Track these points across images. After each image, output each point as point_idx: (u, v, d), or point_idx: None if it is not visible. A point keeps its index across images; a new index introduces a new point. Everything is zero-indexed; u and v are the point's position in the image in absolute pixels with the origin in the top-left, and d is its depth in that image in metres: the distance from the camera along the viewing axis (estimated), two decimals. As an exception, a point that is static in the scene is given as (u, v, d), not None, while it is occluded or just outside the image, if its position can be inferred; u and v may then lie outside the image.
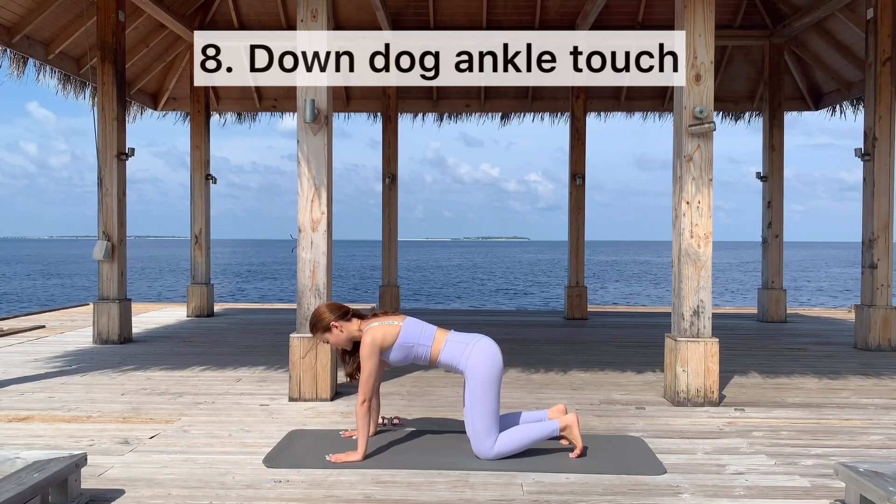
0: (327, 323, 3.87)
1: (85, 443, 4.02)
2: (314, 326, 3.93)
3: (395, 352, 3.79)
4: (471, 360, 3.72)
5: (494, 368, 3.72)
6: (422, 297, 29.70)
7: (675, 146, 5.19)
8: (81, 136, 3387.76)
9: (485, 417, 3.69)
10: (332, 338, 3.89)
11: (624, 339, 8.23)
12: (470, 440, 3.75)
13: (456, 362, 3.76)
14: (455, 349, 3.77)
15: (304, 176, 5.13)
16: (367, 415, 3.73)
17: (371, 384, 3.74)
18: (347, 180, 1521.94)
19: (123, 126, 7.71)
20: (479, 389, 3.68)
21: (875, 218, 7.50)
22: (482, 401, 3.68)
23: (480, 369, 3.69)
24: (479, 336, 3.86)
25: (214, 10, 9.82)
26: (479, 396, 3.68)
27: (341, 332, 3.87)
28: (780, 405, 5.03)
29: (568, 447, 3.86)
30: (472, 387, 3.70)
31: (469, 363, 3.72)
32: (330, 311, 3.90)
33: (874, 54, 7.47)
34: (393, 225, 10.29)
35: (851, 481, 2.92)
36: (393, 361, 3.85)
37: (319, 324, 3.90)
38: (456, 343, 3.79)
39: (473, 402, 3.70)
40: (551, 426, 3.79)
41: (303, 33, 5.13)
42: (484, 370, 3.69)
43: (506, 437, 3.72)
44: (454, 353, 3.77)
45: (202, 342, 7.78)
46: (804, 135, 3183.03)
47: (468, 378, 3.72)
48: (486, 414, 3.69)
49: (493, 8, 9.74)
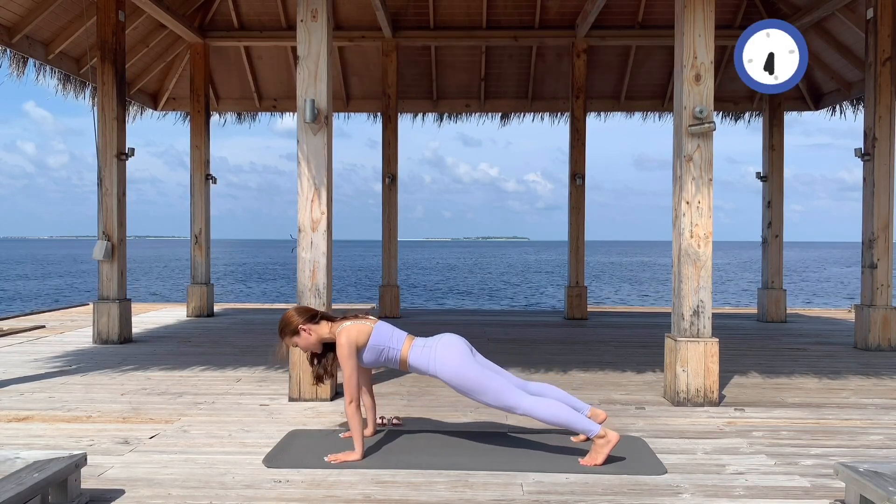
0: (295, 326, 3.86)
1: (85, 443, 4.02)
2: (282, 330, 3.91)
3: (368, 353, 3.79)
4: (438, 360, 3.72)
5: (461, 354, 3.72)
6: (422, 297, 29.69)
7: (674, 146, 5.19)
8: (79, 135, 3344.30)
9: (486, 394, 3.68)
10: (301, 341, 3.88)
11: (624, 339, 8.23)
12: None
13: (425, 366, 3.76)
14: (422, 354, 3.77)
15: (304, 176, 5.13)
16: (357, 413, 3.74)
17: (354, 382, 3.74)
18: (347, 180, 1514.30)
19: (123, 126, 7.71)
20: (460, 380, 3.68)
21: (875, 218, 7.50)
22: (470, 385, 3.67)
23: (449, 363, 3.69)
24: (440, 336, 3.86)
25: (214, 10, 9.82)
26: (465, 385, 3.68)
27: (310, 335, 3.86)
28: (780, 405, 5.03)
29: (572, 448, 3.87)
30: (455, 383, 3.71)
31: (437, 364, 3.72)
32: (298, 314, 3.88)
33: (874, 54, 7.47)
34: (393, 225, 10.29)
35: (851, 481, 2.92)
36: (365, 362, 3.84)
37: (287, 328, 3.88)
38: (421, 348, 3.79)
39: (470, 394, 3.71)
40: (590, 427, 3.65)
41: (303, 33, 5.13)
42: (453, 362, 3.69)
43: (543, 404, 3.67)
44: (421, 358, 3.77)
45: (202, 342, 7.79)
46: (804, 135, 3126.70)
47: (445, 378, 3.72)
48: (485, 391, 3.68)
49: (493, 8, 9.74)
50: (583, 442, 3.98)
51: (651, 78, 11.03)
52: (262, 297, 28.12)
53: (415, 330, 4.17)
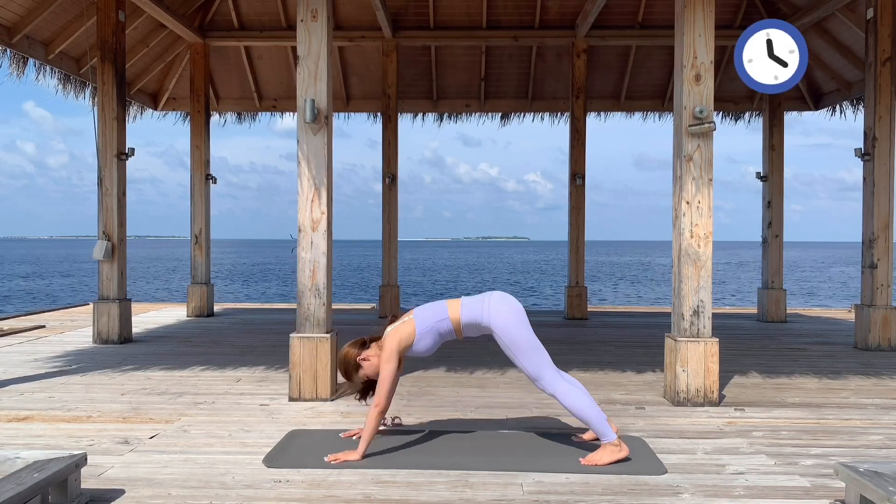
0: (355, 360, 3.85)
1: (85, 443, 4.02)
2: (346, 373, 3.89)
3: (422, 341, 3.78)
4: (493, 311, 3.72)
5: (517, 311, 3.74)
6: (422, 296, 29.69)
7: (674, 146, 5.19)
8: (79, 135, 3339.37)
9: (529, 357, 3.69)
10: (367, 370, 3.87)
11: (624, 339, 8.23)
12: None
13: (478, 317, 3.75)
14: (473, 308, 3.77)
15: (304, 176, 5.13)
16: (379, 421, 3.72)
17: (387, 388, 3.70)
18: (346, 180, 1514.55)
19: (123, 126, 7.71)
20: (511, 335, 3.69)
21: (875, 218, 7.50)
22: (520, 342, 3.69)
23: (505, 314, 3.71)
24: (490, 292, 3.87)
25: (214, 10, 9.82)
26: (514, 341, 3.69)
27: (370, 361, 3.85)
28: (780, 405, 5.03)
29: (572, 448, 3.87)
30: (504, 339, 3.71)
31: (492, 315, 3.72)
32: (352, 349, 3.87)
33: (874, 54, 7.47)
34: (393, 225, 10.29)
35: (851, 481, 2.92)
36: (426, 350, 3.82)
37: (349, 367, 3.87)
38: (471, 302, 3.80)
39: (513, 350, 3.71)
40: (608, 432, 3.67)
41: (303, 33, 5.13)
42: (507, 314, 3.71)
43: (575, 392, 3.70)
44: (473, 311, 3.76)
45: (202, 342, 7.79)
46: (804, 135, 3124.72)
47: (496, 331, 3.72)
48: (529, 354, 3.69)
49: (493, 8, 9.75)
50: (584, 442, 3.98)
51: (651, 78, 11.04)
52: (261, 297, 28.12)
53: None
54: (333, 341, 5.20)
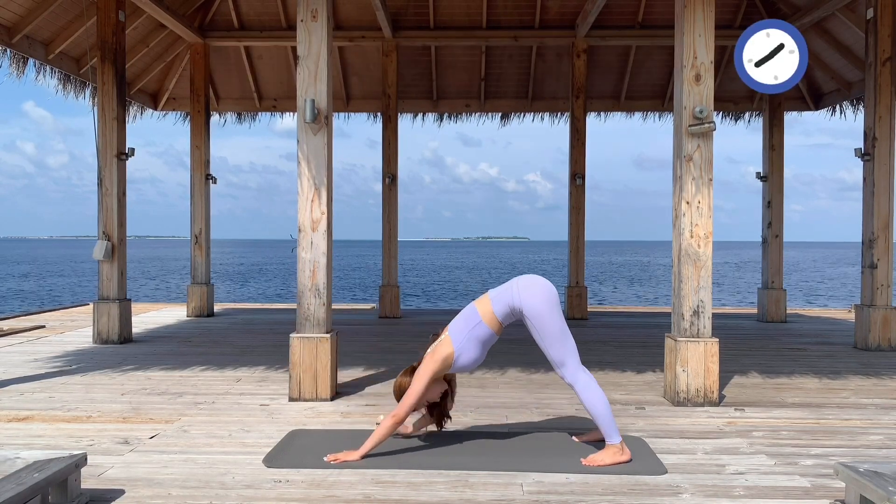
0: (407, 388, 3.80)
1: (85, 443, 4.02)
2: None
3: (464, 355, 3.74)
4: (523, 295, 3.70)
5: (549, 294, 3.72)
6: (421, 299, 29.70)
7: (674, 146, 5.19)
8: (79, 135, 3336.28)
9: (555, 343, 3.67)
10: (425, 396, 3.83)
11: (624, 339, 8.24)
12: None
13: (510, 302, 3.72)
14: (503, 297, 3.75)
15: (304, 176, 5.13)
16: (392, 431, 3.69)
17: (412, 403, 3.66)
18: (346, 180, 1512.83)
19: (123, 126, 7.71)
20: (541, 317, 3.67)
21: (875, 218, 7.50)
22: (549, 327, 3.67)
23: (535, 300, 3.68)
24: (518, 276, 3.85)
25: (214, 10, 9.83)
26: (544, 324, 3.67)
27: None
28: (780, 405, 5.03)
29: (572, 448, 3.88)
30: (534, 323, 3.69)
31: (523, 299, 3.70)
32: (404, 378, 3.84)
33: (874, 54, 7.47)
34: (393, 225, 10.29)
35: (851, 481, 2.92)
36: (474, 361, 3.78)
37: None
38: (499, 294, 3.78)
39: (542, 334, 3.69)
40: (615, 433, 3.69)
41: (303, 33, 5.13)
42: (538, 298, 3.69)
43: (594, 388, 3.69)
44: (504, 301, 3.74)
45: (202, 342, 7.79)
46: (803, 135, 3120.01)
47: (527, 314, 3.70)
48: (556, 340, 3.67)
49: (493, 8, 9.75)
50: (585, 443, 3.98)
51: (651, 78, 11.04)
52: (261, 297, 28.12)
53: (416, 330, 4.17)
54: (333, 341, 5.21)
